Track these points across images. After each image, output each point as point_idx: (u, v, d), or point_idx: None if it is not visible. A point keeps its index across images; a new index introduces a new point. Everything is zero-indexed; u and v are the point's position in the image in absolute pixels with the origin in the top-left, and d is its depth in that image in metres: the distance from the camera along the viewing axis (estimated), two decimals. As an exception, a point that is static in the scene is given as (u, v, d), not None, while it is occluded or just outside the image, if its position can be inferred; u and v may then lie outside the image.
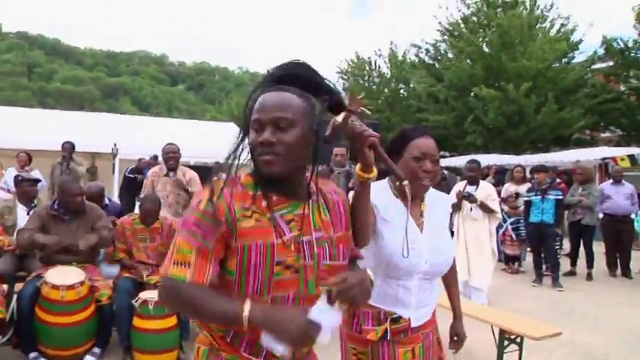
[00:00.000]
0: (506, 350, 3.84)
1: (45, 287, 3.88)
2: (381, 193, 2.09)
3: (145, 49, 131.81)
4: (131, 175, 8.51)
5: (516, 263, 8.65)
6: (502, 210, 8.44)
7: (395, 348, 2.05)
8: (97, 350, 4.12)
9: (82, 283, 3.95)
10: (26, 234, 4.18)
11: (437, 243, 2.12)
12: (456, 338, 2.40)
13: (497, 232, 8.82)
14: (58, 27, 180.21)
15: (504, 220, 8.35)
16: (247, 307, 1.33)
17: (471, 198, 6.16)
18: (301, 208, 1.52)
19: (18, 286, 4.34)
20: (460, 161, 17.82)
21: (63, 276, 3.95)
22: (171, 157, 5.60)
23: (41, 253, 4.31)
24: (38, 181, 5.34)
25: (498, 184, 9.01)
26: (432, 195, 2.22)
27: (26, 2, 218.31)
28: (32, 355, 3.96)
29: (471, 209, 6.19)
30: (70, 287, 3.86)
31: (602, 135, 21.95)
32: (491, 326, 3.90)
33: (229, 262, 1.43)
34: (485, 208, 6.10)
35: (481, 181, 6.40)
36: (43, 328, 3.91)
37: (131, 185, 8.15)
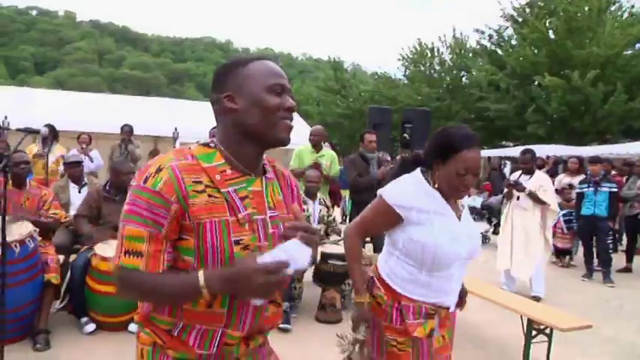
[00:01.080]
0: (535, 341, 3.82)
1: (95, 259, 4.18)
2: (415, 189, 2.13)
3: (210, 36, 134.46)
4: None
5: (567, 257, 8.42)
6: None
7: (432, 337, 2.15)
8: (141, 319, 4.40)
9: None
10: (85, 228, 4.55)
11: (471, 230, 2.23)
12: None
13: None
14: (127, 14, 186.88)
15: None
16: (201, 276, 1.28)
17: (518, 187, 6.09)
18: (256, 185, 1.45)
19: (73, 258, 4.68)
20: (517, 151, 17.38)
21: (111, 249, 4.24)
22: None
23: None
24: (80, 162, 5.68)
25: (553, 175, 8.76)
26: None
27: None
28: (84, 319, 4.30)
29: (518, 198, 6.13)
30: (118, 259, 4.13)
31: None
32: (521, 317, 3.88)
33: (186, 242, 1.34)
34: (535, 199, 5.99)
35: (537, 172, 6.28)
36: (93, 296, 4.23)
37: None
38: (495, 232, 10.36)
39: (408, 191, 2.13)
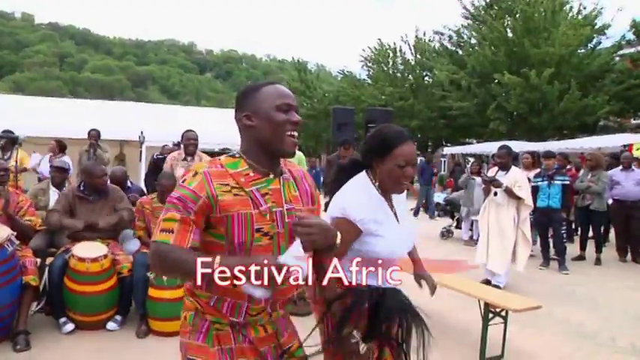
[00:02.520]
0: (492, 323, 4.12)
1: (72, 260, 4.31)
2: (370, 200, 2.23)
3: (173, 38, 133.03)
4: (160, 156, 8.79)
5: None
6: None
7: None
8: (118, 317, 4.56)
9: (105, 256, 4.36)
10: (54, 217, 4.62)
11: (408, 228, 2.42)
12: (423, 282, 2.67)
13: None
14: (87, 17, 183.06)
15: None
16: (217, 260, 1.59)
17: (495, 182, 6.27)
18: (275, 184, 1.80)
19: (49, 261, 4.77)
20: (484, 148, 17.90)
21: (88, 250, 4.38)
22: (191, 143, 5.93)
23: (69, 231, 4.74)
24: (66, 170, 5.78)
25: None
26: None
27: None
28: (62, 320, 4.42)
29: (495, 194, 6.31)
30: (94, 260, 4.29)
31: (634, 122, 21.61)
32: (479, 301, 4.17)
33: (218, 229, 1.69)
34: (511, 194, 6.18)
35: (513, 168, 6.43)
36: (71, 296, 4.35)
37: (158, 167, 8.26)
38: (458, 227, 10.75)
39: (365, 203, 2.20)
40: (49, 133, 9.92)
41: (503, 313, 4.12)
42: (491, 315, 4.08)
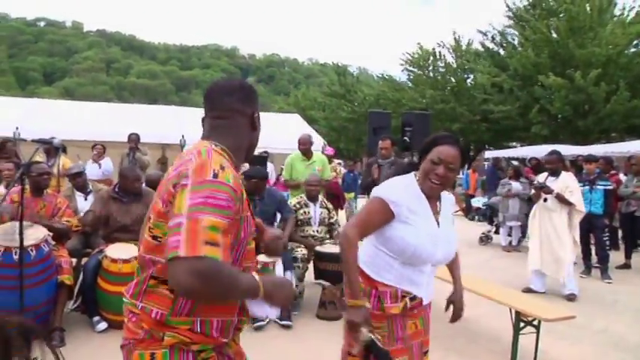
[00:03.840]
0: (524, 332, 4.01)
1: (105, 260, 4.44)
2: (407, 189, 2.33)
3: (216, 43, 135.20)
4: None
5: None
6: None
7: (405, 320, 2.35)
8: (150, 318, 4.63)
9: (136, 257, 4.44)
10: (89, 216, 4.80)
11: (449, 236, 2.40)
12: (452, 307, 2.61)
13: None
14: (133, 23, 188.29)
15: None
16: (257, 278, 1.50)
17: (545, 189, 6.14)
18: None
19: (85, 261, 4.92)
20: (526, 151, 17.47)
21: (120, 251, 4.50)
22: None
23: (104, 232, 4.87)
24: (80, 172, 5.92)
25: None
26: (443, 195, 2.47)
27: (105, 1, 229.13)
28: (95, 318, 4.55)
29: (545, 200, 6.18)
30: (126, 261, 4.40)
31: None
32: (510, 309, 4.07)
33: (229, 238, 1.49)
34: (563, 200, 6.06)
35: (563, 173, 6.28)
36: (103, 295, 4.48)
37: None
38: (497, 232, 10.52)
39: (400, 189, 2.31)
40: (93, 137, 10.24)
41: (535, 323, 3.99)
42: (522, 324, 3.97)
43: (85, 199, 5.61)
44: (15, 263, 3.76)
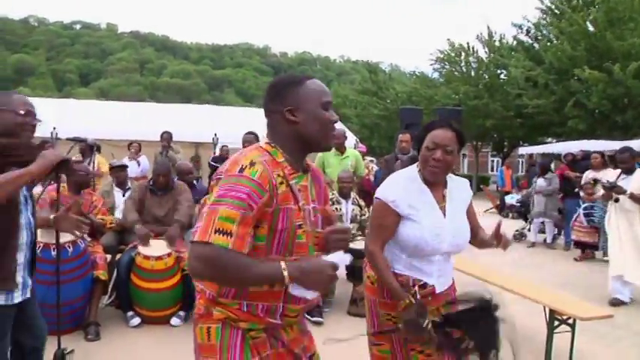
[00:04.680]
0: (559, 331, 3.91)
1: (138, 257, 4.51)
2: (410, 182, 2.34)
3: (248, 42, 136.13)
4: (214, 164, 9.05)
5: (593, 251, 8.43)
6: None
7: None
8: (182, 313, 4.71)
9: (169, 254, 4.52)
10: (131, 212, 4.93)
11: (457, 226, 2.37)
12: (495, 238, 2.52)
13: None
14: (166, 24, 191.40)
15: (578, 205, 8.16)
16: (284, 266, 1.51)
17: (616, 189, 5.66)
18: (304, 181, 1.75)
19: (118, 257, 5.02)
20: (562, 147, 17.00)
21: (153, 249, 4.57)
22: (247, 146, 5.99)
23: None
24: (126, 166, 6.07)
25: (583, 170, 8.70)
26: (454, 180, 2.45)
27: (138, 2, 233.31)
28: (129, 314, 4.64)
29: (617, 200, 5.71)
30: (159, 258, 4.46)
31: None
32: (544, 308, 3.97)
33: (260, 229, 1.58)
34: (638, 200, 5.55)
35: (638, 170, 5.81)
36: (137, 292, 4.56)
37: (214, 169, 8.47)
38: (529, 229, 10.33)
39: (399, 187, 2.33)
40: (127, 136, 10.43)
41: (570, 321, 3.88)
42: (557, 323, 3.87)
43: (123, 196, 5.71)
44: (53, 259, 3.85)
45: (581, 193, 8.21)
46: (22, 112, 2.32)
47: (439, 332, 2.20)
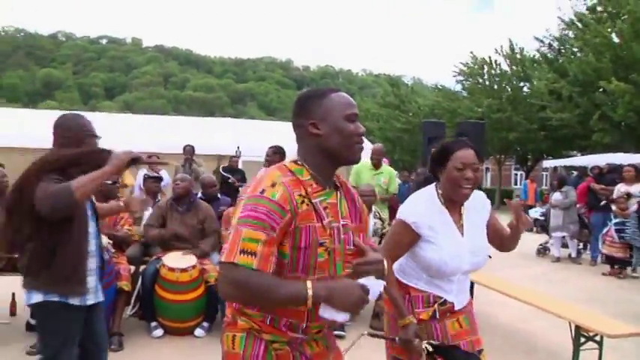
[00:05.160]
0: (586, 348, 3.83)
1: (163, 269, 4.55)
2: (427, 205, 2.36)
3: (271, 56, 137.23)
4: (224, 174, 9.01)
5: (618, 267, 8.25)
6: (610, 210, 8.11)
7: (444, 321, 2.35)
8: (205, 324, 4.75)
9: (193, 266, 4.56)
10: (152, 232, 4.99)
11: (476, 245, 2.38)
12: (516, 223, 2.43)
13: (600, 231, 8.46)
14: (190, 38, 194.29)
15: (609, 220, 8.01)
16: (309, 286, 1.51)
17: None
18: (333, 198, 1.71)
19: (143, 268, 5.07)
20: (587, 160, 16.67)
21: (178, 260, 4.61)
22: (267, 160, 5.98)
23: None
24: (160, 178, 6.14)
25: (609, 183, 8.56)
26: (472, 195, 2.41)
27: (163, 17, 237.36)
28: (153, 324, 4.69)
29: None
30: (184, 270, 4.50)
31: None
32: (569, 324, 3.90)
33: (284, 246, 1.57)
34: None
35: None
36: (161, 303, 4.59)
37: (223, 186, 8.23)
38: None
39: (422, 209, 2.34)
40: (150, 149, 10.54)
41: (597, 338, 3.80)
42: (583, 340, 3.79)
43: (151, 207, 5.75)
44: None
45: (613, 207, 8.06)
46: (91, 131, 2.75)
47: (429, 358, 2.23)
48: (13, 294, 5.05)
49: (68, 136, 2.67)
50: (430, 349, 2.16)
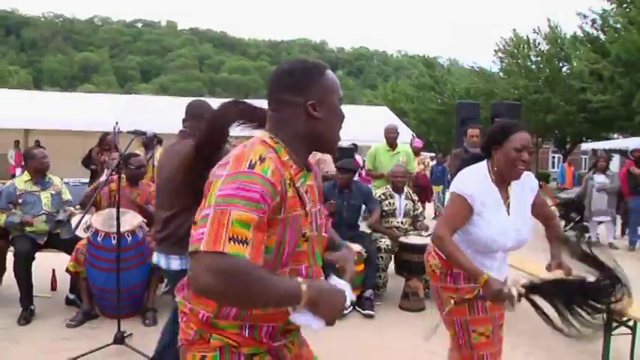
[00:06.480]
0: (619, 332, 3.75)
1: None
2: (479, 181, 2.42)
3: (305, 37, 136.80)
4: None
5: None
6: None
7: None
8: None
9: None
10: None
11: (520, 223, 2.45)
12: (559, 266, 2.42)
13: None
14: (224, 20, 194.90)
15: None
16: (304, 284, 1.29)
17: None
18: (310, 179, 1.53)
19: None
20: (628, 143, 16.13)
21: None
22: None
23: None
24: None
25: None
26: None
27: (198, 0, 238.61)
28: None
29: None
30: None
31: None
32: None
33: (270, 238, 1.34)
34: None
35: None
36: (193, 280, 4.67)
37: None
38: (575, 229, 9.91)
39: (475, 182, 2.42)
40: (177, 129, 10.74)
41: (630, 323, 3.72)
42: (615, 324, 3.71)
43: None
44: (113, 247, 4.02)
45: None
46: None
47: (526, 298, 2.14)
48: (54, 270, 5.23)
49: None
50: (523, 291, 2.11)
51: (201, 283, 1.20)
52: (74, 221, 4.32)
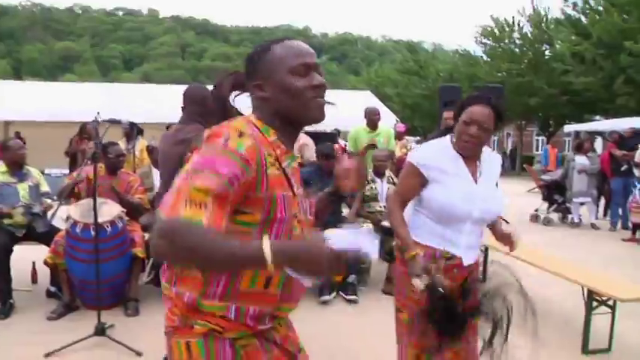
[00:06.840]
0: (598, 312, 3.79)
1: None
2: (440, 151, 2.41)
3: (289, 23, 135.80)
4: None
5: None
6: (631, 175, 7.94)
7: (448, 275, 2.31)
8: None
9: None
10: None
11: (488, 194, 2.41)
12: (503, 239, 2.51)
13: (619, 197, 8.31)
14: (206, 7, 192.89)
15: (634, 186, 7.83)
16: (267, 244, 1.18)
17: None
18: (295, 162, 1.51)
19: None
20: (611, 125, 16.14)
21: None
22: None
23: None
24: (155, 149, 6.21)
25: (631, 149, 8.36)
26: (487, 154, 2.49)
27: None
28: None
29: None
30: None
31: None
32: (582, 288, 3.85)
33: (251, 215, 1.33)
34: None
35: None
36: (175, 270, 4.64)
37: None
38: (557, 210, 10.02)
39: (431, 153, 2.43)
40: (169, 119, 10.62)
41: (610, 303, 3.75)
42: (596, 304, 3.75)
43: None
44: (92, 238, 3.97)
45: (637, 172, 7.88)
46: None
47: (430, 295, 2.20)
48: (34, 262, 5.16)
49: None
50: (422, 288, 2.16)
51: (154, 246, 1.18)
52: (50, 213, 4.27)
